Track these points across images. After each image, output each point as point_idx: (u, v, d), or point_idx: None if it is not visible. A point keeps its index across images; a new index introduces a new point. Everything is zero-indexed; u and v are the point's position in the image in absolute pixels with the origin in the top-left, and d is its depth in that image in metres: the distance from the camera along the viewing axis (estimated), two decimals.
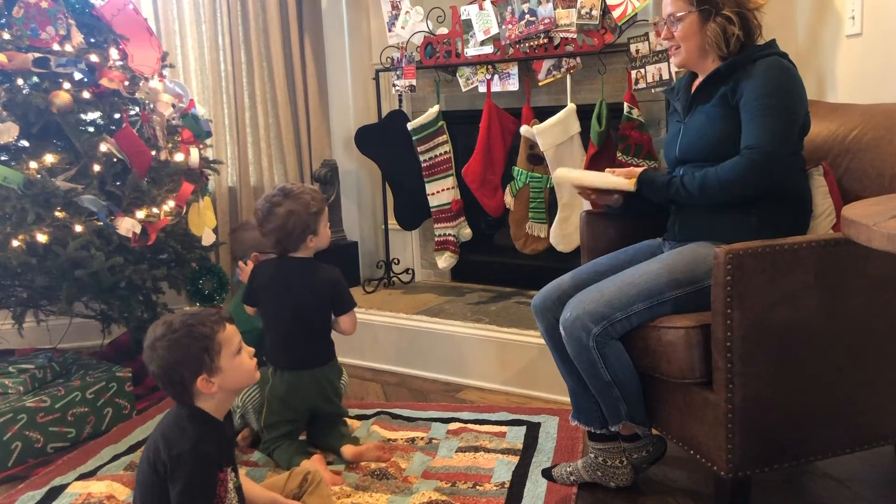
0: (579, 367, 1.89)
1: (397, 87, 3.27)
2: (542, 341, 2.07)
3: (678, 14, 1.95)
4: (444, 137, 3.24)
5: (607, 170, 2.12)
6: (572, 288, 1.96)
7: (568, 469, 2.06)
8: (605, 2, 2.69)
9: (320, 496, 1.85)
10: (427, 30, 3.17)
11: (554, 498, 1.99)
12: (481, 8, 2.97)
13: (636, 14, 2.63)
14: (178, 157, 2.76)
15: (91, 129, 2.67)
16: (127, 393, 2.64)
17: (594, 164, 2.80)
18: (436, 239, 3.32)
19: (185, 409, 1.58)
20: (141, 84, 2.69)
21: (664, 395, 1.88)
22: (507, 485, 2.06)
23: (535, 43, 2.87)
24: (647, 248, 2.10)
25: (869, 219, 1.30)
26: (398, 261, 3.60)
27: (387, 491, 2.05)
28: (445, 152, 3.25)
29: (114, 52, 2.70)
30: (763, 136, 1.81)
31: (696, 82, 2.02)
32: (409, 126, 3.24)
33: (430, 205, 3.30)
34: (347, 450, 2.22)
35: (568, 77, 2.89)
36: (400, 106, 3.41)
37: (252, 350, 1.63)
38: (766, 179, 1.82)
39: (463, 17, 3.05)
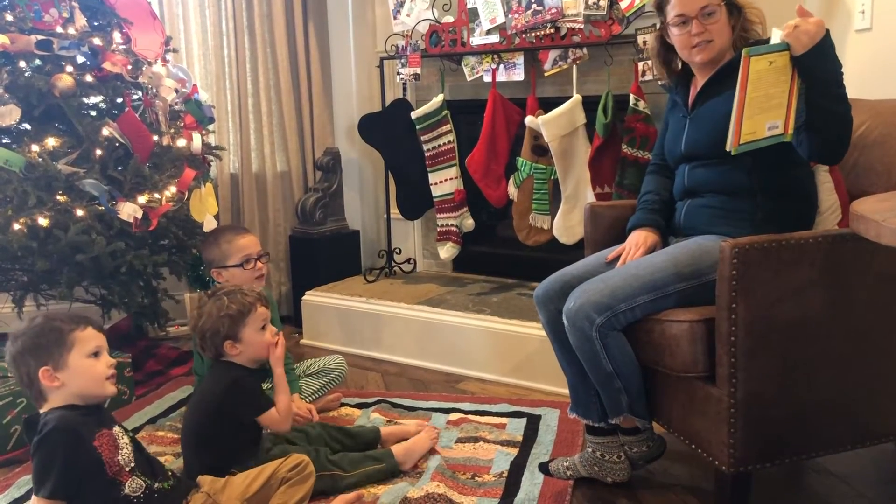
0: (581, 357, 1.88)
1: (401, 76, 3.25)
2: (544, 333, 2.05)
3: (712, 7, 1.87)
4: (448, 127, 3.22)
5: None
6: (575, 279, 1.95)
7: (565, 464, 2.05)
8: None
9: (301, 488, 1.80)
10: (432, 18, 3.15)
11: (550, 490, 1.98)
12: None
13: (644, 5, 2.60)
14: (181, 142, 2.75)
15: (93, 113, 2.66)
16: (126, 378, 2.63)
17: (599, 156, 2.79)
18: (438, 229, 3.31)
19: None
20: (144, 68, 2.67)
21: (666, 389, 1.87)
22: (504, 475, 2.06)
23: (542, 33, 2.85)
24: None
25: (878, 214, 1.30)
26: (400, 250, 3.59)
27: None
28: (449, 142, 3.23)
29: (117, 36, 2.68)
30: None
31: (700, 76, 1.99)
32: (413, 115, 3.22)
33: (433, 194, 3.29)
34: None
35: (574, 68, 2.87)
36: (404, 94, 3.39)
37: (111, 362, 1.66)
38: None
39: (469, 6, 3.03)
